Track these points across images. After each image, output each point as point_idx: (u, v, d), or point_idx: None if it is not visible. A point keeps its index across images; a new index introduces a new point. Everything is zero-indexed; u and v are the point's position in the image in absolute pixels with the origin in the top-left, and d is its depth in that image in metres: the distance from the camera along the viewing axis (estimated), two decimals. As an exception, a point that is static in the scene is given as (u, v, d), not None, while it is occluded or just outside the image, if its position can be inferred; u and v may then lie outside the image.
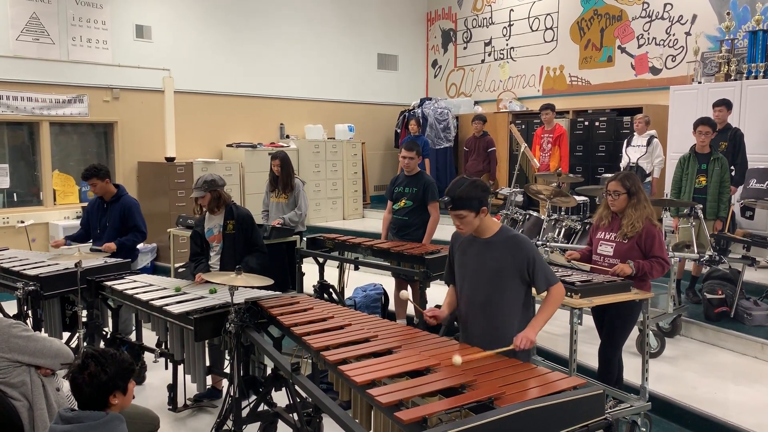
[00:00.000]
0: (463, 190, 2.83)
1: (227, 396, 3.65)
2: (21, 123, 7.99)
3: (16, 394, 3.03)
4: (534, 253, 2.89)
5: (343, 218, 10.57)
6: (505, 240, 2.91)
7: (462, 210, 2.83)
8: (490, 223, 2.95)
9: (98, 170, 5.26)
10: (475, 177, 2.99)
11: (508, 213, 6.55)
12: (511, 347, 2.77)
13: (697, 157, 5.80)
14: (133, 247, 5.38)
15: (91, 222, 5.44)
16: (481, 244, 2.95)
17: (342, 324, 3.25)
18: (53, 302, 4.56)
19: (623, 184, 3.94)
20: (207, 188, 4.53)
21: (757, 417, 3.99)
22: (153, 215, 8.71)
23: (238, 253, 4.56)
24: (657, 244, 3.88)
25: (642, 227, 3.88)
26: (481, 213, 2.86)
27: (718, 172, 5.69)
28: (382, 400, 2.29)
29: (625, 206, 3.95)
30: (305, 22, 10.62)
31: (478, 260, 2.95)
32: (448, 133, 10.93)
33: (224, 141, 9.76)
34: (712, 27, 8.46)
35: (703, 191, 5.74)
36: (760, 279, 6.09)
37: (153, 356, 4.43)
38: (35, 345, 3.14)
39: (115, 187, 5.41)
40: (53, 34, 8.02)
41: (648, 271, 3.86)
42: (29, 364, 3.10)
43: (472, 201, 2.82)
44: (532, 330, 2.82)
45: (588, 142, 9.20)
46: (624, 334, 3.97)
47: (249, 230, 4.63)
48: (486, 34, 11.55)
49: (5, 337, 3.07)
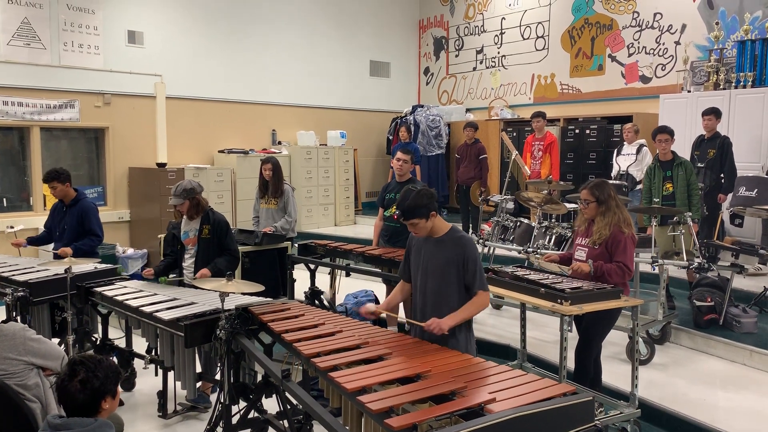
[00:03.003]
0: (411, 201, 3.14)
1: (217, 403, 3.63)
2: (11, 128, 7.96)
3: (32, 396, 3.08)
4: (473, 255, 3.18)
5: (334, 224, 10.57)
6: (453, 239, 3.21)
7: (413, 219, 3.15)
8: (440, 225, 3.24)
9: (59, 174, 5.30)
10: (421, 187, 3.33)
11: (499, 220, 6.57)
12: (424, 324, 3.10)
13: (661, 166, 5.88)
14: (90, 251, 5.29)
15: (53, 225, 5.48)
16: (434, 242, 3.24)
17: (333, 331, 3.26)
18: (42, 308, 4.54)
19: (592, 192, 4.07)
20: (186, 196, 4.57)
21: (746, 423, 4.02)
22: (143, 221, 8.69)
23: (212, 257, 4.63)
24: (620, 249, 3.96)
25: (609, 234, 3.97)
26: (431, 218, 3.17)
27: (683, 176, 5.76)
28: (372, 407, 2.29)
29: (595, 214, 4.06)
30: (298, 28, 10.64)
31: (430, 256, 3.25)
32: (439, 140, 10.97)
33: (216, 147, 9.75)
34: (701, 36, 8.55)
35: (671, 197, 5.81)
36: (749, 286, 6.14)
37: (143, 363, 4.41)
38: (45, 347, 3.21)
39: (75, 191, 5.43)
40: (44, 39, 7.99)
41: (606, 272, 3.94)
42: (40, 366, 3.16)
43: (420, 210, 3.13)
44: (448, 320, 3.08)
45: (578, 149, 9.25)
46: (599, 336, 4.02)
47: (223, 235, 4.69)
48: (478, 42, 11.61)
49: (22, 340, 3.13)
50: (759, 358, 4.95)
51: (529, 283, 3.96)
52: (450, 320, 3.08)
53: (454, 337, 3.15)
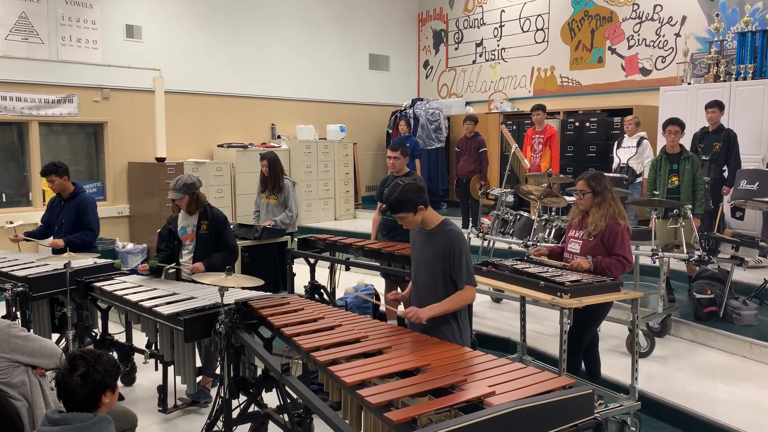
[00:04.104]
0: (397, 196, 3.16)
1: (217, 397, 3.64)
2: (10, 123, 7.94)
3: (17, 394, 3.04)
4: (460, 248, 3.16)
5: (334, 219, 10.57)
6: (443, 232, 3.22)
7: (400, 213, 3.17)
8: (432, 217, 3.25)
9: (57, 167, 5.30)
10: (409, 181, 3.29)
11: (498, 213, 6.56)
12: (404, 312, 3.14)
13: (668, 158, 5.84)
14: (83, 245, 5.24)
15: (51, 219, 5.47)
16: (425, 235, 3.28)
17: (332, 325, 3.25)
18: (42, 303, 4.54)
19: (588, 183, 4.07)
20: (186, 191, 4.55)
21: (746, 416, 4.02)
22: (143, 216, 8.69)
23: (210, 253, 4.61)
24: (619, 242, 3.95)
25: (605, 225, 3.96)
26: (419, 211, 3.17)
27: (690, 170, 5.73)
28: (371, 401, 2.29)
29: (591, 205, 4.05)
30: (297, 22, 10.61)
31: (422, 248, 3.29)
32: (439, 134, 10.95)
33: (215, 141, 9.73)
34: (701, 28, 8.51)
35: (676, 191, 5.77)
36: (749, 279, 6.14)
37: (143, 357, 4.41)
38: (33, 345, 3.16)
39: (73, 185, 5.42)
40: (42, 34, 7.97)
41: (606, 267, 3.93)
42: (27, 364, 3.12)
43: (407, 204, 3.14)
44: (428, 310, 3.10)
45: (578, 142, 9.24)
46: (590, 327, 4.01)
47: (221, 230, 4.68)
48: (477, 34, 11.57)
49: (5, 337, 3.09)
50: (759, 351, 4.96)
51: (529, 276, 3.96)
52: (429, 310, 3.09)
53: (448, 324, 3.18)
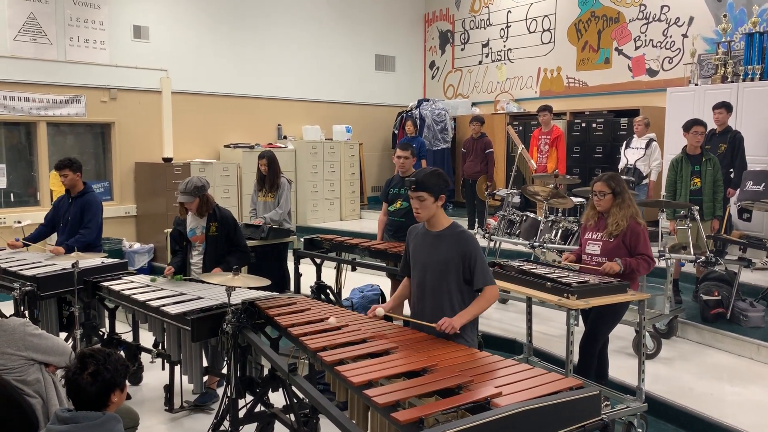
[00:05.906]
0: (427, 175, 3.13)
1: (224, 396, 3.65)
2: (18, 123, 7.98)
3: (32, 391, 3.08)
4: (476, 251, 3.12)
5: (340, 219, 10.58)
6: (453, 234, 3.16)
7: (423, 192, 3.10)
8: (442, 219, 3.20)
9: (72, 162, 5.34)
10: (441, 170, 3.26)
11: (505, 214, 6.55)
12: (435, 325, 3.01)
13: (689, 159, 5.84)
14: (79, 247, 5.00)
15: (56, 217, 5.47)
16: (433, 237, 3.20)
17: (339, 325, 3.26)
18: (50, 302, 4.56)
19: (608, 184, 4.07)
20: (197, 194, 4.56)
21: (753, 417, 4.01)
22: (150, 216, 8.72)
23: (221, 254, 4.62)
24: (642, 242, 3.97)
25: (627, 225, 3.98)
26: (439, 201, 3.14)
27: (711, 172, 5.73)
28: (378, 401, 2.29)
29: (611, 206, 4.06)
30: (303, 22, 10.63)
31: (429, 251, 3.21)
32: (445, 135, 10.95)
33: (221, 142, 9.75)
34: (708, 29, 8.49)
35: (698, 192, 5.78)
36: (756, 280, 6.11)
37: (150, 357, 4.43)
38: (46, 343, 3.21)
39: (84, 184, 5.43)
40: (50, 35, 8.01)
41: (635, 267, 3.95)
42: (41, 362, 3.16)
43: (433, 186, 3.10)
44: (459, 318, 3.04)
45: (585, 143, 9.22)
46: (605, 329, 4.03)
47: (231, 231, 4.69)
48: (483, 35, 11.57)
49: (21, 335, 3.13)
50: (766, 353, 4.93)
51: (536, 277, 3.95)
52: (461, 318, 3.03)
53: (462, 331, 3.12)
